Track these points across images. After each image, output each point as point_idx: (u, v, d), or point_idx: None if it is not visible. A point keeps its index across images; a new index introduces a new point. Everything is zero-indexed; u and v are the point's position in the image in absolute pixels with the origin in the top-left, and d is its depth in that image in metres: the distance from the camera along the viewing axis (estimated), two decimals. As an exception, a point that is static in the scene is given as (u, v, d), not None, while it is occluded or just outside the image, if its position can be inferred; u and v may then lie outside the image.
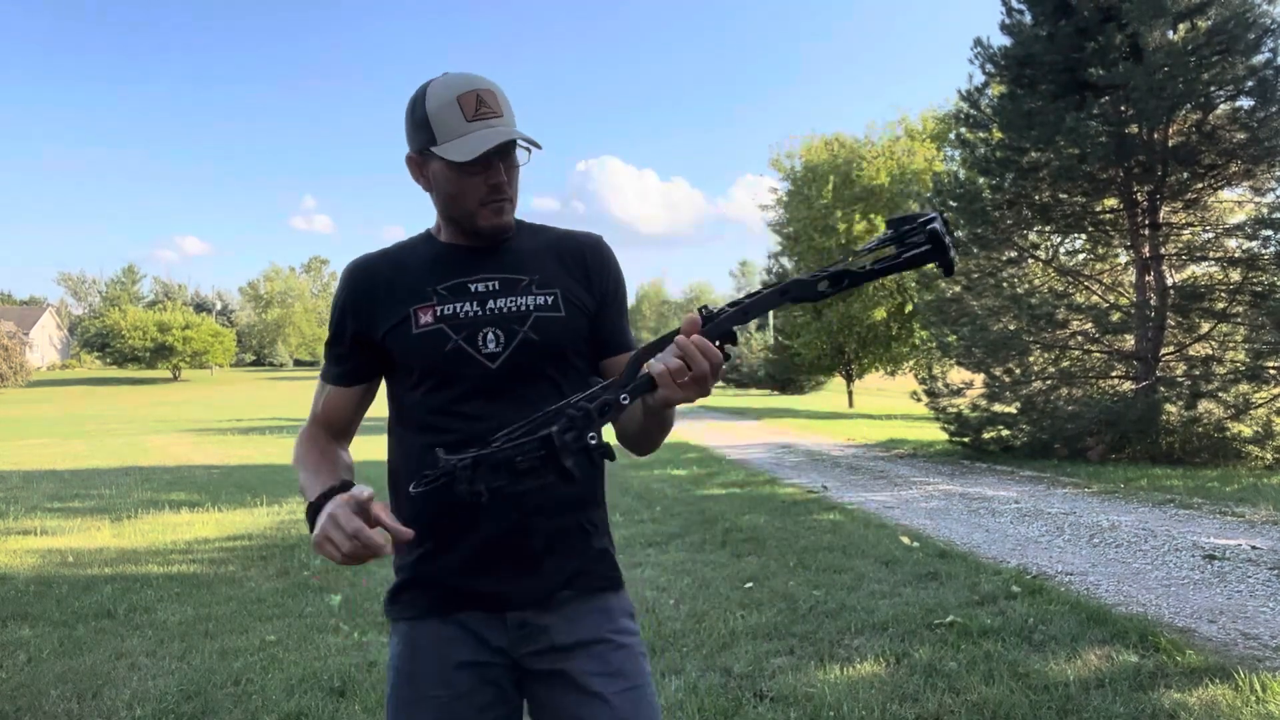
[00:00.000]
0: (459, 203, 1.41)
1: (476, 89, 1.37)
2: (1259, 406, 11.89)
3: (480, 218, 1.42)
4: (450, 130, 1.36)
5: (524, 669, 1.43)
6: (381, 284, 1.46)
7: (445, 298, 1.43)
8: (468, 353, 1.40)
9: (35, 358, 68.47)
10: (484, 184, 1.39)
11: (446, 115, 1.36)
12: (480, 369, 1.40)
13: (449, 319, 1.41)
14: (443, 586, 1.42)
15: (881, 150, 31.86)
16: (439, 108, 1.37)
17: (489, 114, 1.37)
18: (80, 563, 6.60)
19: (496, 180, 1.39)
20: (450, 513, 1.38)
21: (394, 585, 1.49)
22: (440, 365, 1.40)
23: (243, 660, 4.19)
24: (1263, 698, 3.38)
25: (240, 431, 22.77)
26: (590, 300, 1.50)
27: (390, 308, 1.44)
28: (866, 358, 34.29)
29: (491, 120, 1.37)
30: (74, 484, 11.69)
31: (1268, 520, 7.23)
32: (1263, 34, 11.34)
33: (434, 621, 1.43)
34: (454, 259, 1.46)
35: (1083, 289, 13.95)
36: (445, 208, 1.45)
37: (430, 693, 1.40)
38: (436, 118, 1.37)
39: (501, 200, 1.41)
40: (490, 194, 1.40)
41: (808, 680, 3.72)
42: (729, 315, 1.17)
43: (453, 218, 1.45)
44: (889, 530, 7.13)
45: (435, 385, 1.42)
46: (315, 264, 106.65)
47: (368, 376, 1.53)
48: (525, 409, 1.36)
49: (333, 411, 1.55)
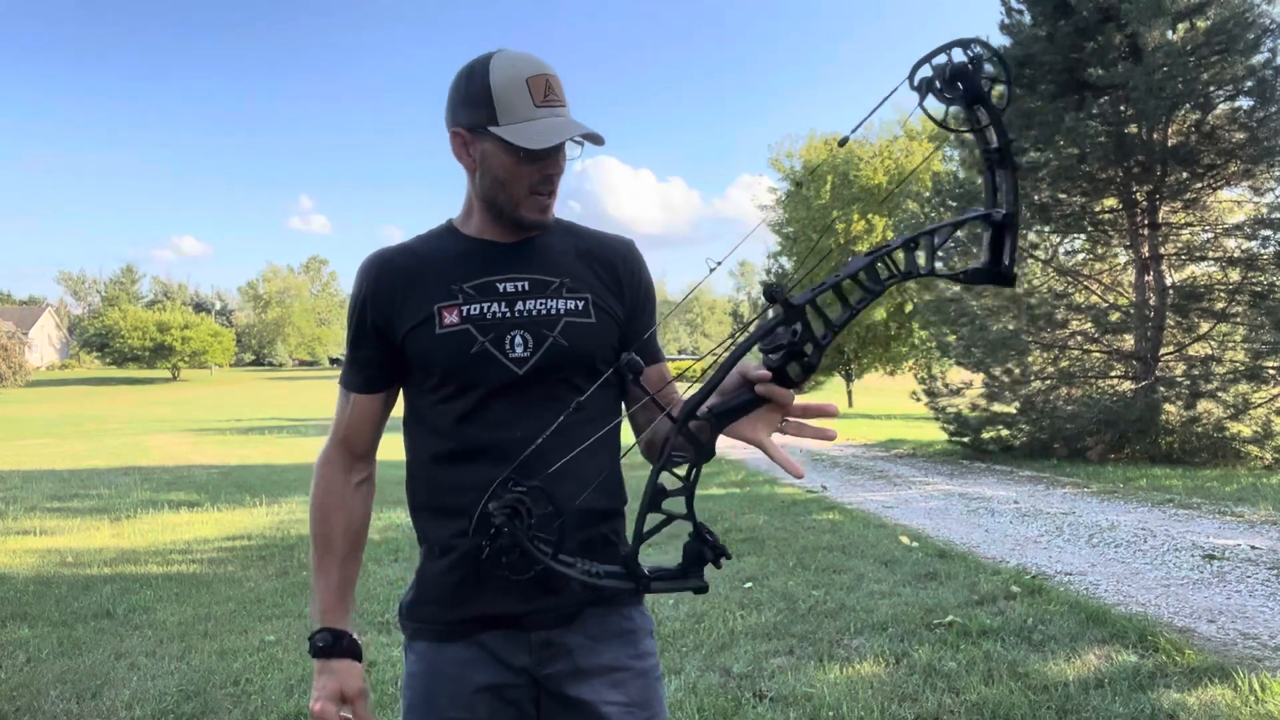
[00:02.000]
0: (507, 189, 1.33)
1: (546, 74, 1.30)
2: (1258, 406, 11.90)
3: (525, 207, 1.35)
4: (516, 113, 1.28)
5: (544, 688, 1.39)
6: (403, 280, 1.38)
7: (472, 297, 1.35)
8: (494, 355, 1.33)
9: (35, 358, 68.45)
10: (538, 173, 1.32)
11: (514, 96, 1.28)
12: (506, 373, 1.33)
13: (475, 319, 1.34)
14: (465, 607, 1.37)
15: (879, 150, 31.89)
16: (506, 86, 1.28)
17: (556, 103, 1.30)
18: (80, 563, 6.59)
19: (552, 171, 1.33)
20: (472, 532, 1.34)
21: (412, 598, 1.43)
22: (464, 368, 1.33)
23: (242, 660, 4.19)
24: (1262, 698, 3.38)
25: (240, 431, 22.76)
26: (621, 309, 1.44)
27: (412, 306, 1.36)
28: (866, 357, 34.31)
29: (559, 110, 1.30)
30: (73, 484, 11.68)
31: (1267, 520, 7.23)
32: (1262, 34, 11.35)
33: (457, 644, 1.38)
34: (481, 255, 1.39)
35: (1082, 289, 13.95)
36: (488, 191, 1.36)
37: (449, 715, 1.37)
38: (502, 96, 1.28)
39: (550, 194, 1.36)
40: (542, 184, 1.34)
41: (807, 680, 3.72)
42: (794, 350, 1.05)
43: (495, 202, 1.36)
44: (888, 530, 7.13)
45: (457, 389, 1.35)
46: (314, 264, 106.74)
47: (393, 380, 1.44)
48: (548, 418, 1.32)
49: (357, 426, 1.45)
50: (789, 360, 1.04)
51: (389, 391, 1.45)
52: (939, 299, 14.92)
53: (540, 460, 1.34)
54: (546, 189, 1.34)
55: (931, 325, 16.17)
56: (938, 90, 1.07)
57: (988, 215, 1.13)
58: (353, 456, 1.46)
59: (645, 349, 1.48)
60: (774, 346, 1.04)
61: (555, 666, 1.37)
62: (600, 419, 1.41)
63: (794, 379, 1.06)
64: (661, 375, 1.49)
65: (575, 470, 1.36)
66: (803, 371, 1.06)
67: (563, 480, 1.36)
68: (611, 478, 1.43)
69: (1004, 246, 1.13)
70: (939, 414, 14.26)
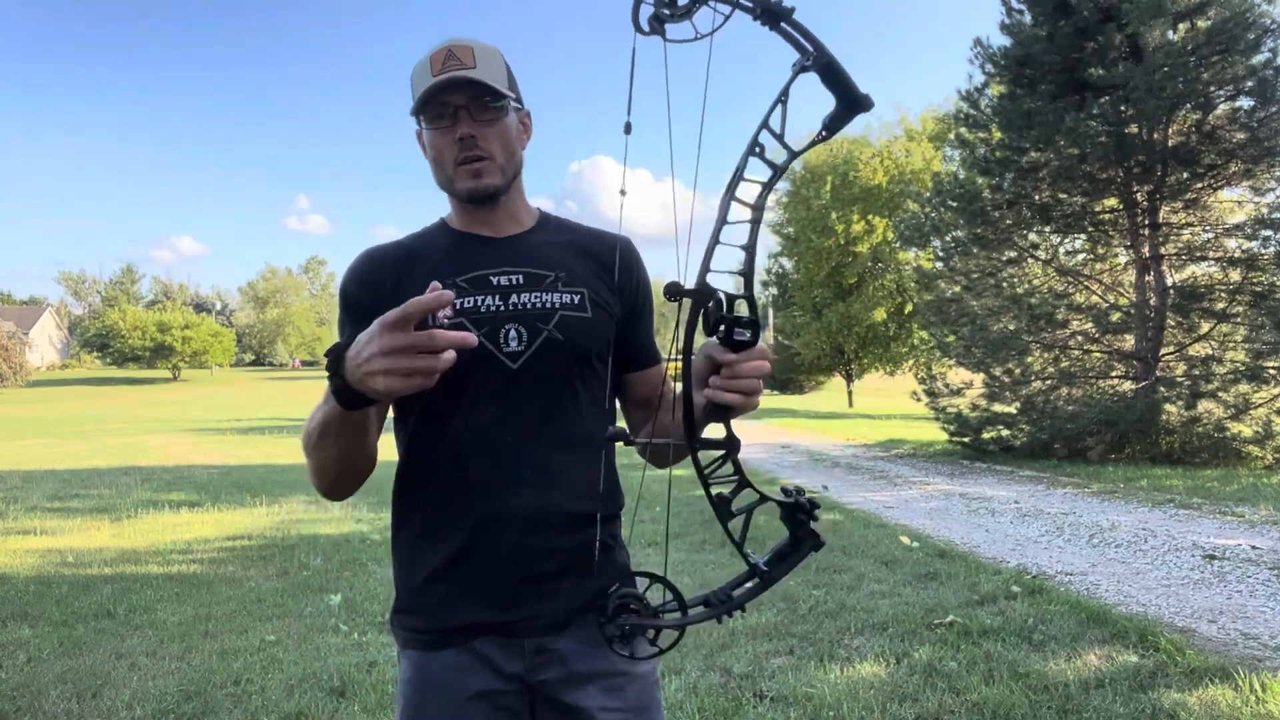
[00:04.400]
0: (439, 166, 1.35)
1: (450, 45, 1.31)
2: (1259, 406, 11.90)
3: (457, 180, 1.34)
4: (418, 89, 1.30)
5: (538, 695, 1.36)
6: (394, 274, 1.36)
7: (465, 290, 1.33)
8: (488, 350, 1.31)
9: (35, 358, 68.48)
10: (453, 140, 1.31)
11: (419, 76, 1.31)
12: (499, 368, 1.31)
13: (469, 313, 1.32)
14: (457, 614, 1.34)
15: (879, 150, 31.88)
16: (417, 70, 1.32)
17: (456, 66, 1.29)
18: (80, 563, 6.59)
19: (463, 132, 1.30)
20: (466, 532, 1.32)
21: (404, 605, 1.39)
22: (458, 362, 1.30)
23: (243, 660, 4.19)
24: (1263, 698, 3.38)
25: (240, 431, 22.75)
26: (617, 304, 1.42)
27: (404, 299, 1.33)
28: (866, 358, 34.34)
29: (456, 72, 1.28)
30: (74, 484, 11.68)
31: (1268, 520, 7.23)
32: (1262, 34, 11.34)
33: (449, 651, 1.34)
34: (473, 249, 1.38)
35: (1082, 289, 13.95)
36: (434, 174, 1.38)
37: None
38: (414, 80, 1.32)
39: (475, 158, 1.32)
40: (461, 149, 1.32)
41: (807, 680, 3.72)
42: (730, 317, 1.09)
43: (441, 185, 1.38)
44: (889, 530, 7.13)
45: (450, 383, 1.29)
46: (313, 264, 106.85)
47: None
48: (540, 413, 1.32)
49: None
50: (734, 327, 1.08)
51: None
52: (939, 299, 14.92)
53: (529, 459, 1.33)
54: (468, 154, 1.32)
55: (931, 325, 16.17)
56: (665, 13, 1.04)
57: (805, 68, 1.05)
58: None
59: (644, 351, 1.47)
60: (717, 326, 1.08)
61: (549, 673, 1.35)
62: (594, 418, 1.40)
63: (751, 339, 1.10)
64: (660, 373, 1.48)
65: (568, 472, 1.35)
66: (751, 328, 1.09)
67: (556, 482, 1.34)
68: (607, 481, 1.41)
69: (843, 79, 1.04)
70: (939, 414, 14.25)
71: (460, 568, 1.33)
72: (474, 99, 1.31)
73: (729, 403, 1.11)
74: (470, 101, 1.31)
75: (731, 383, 1.11)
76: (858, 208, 31.50)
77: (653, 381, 1.47)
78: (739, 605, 1.20)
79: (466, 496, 1.33)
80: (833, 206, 31.58)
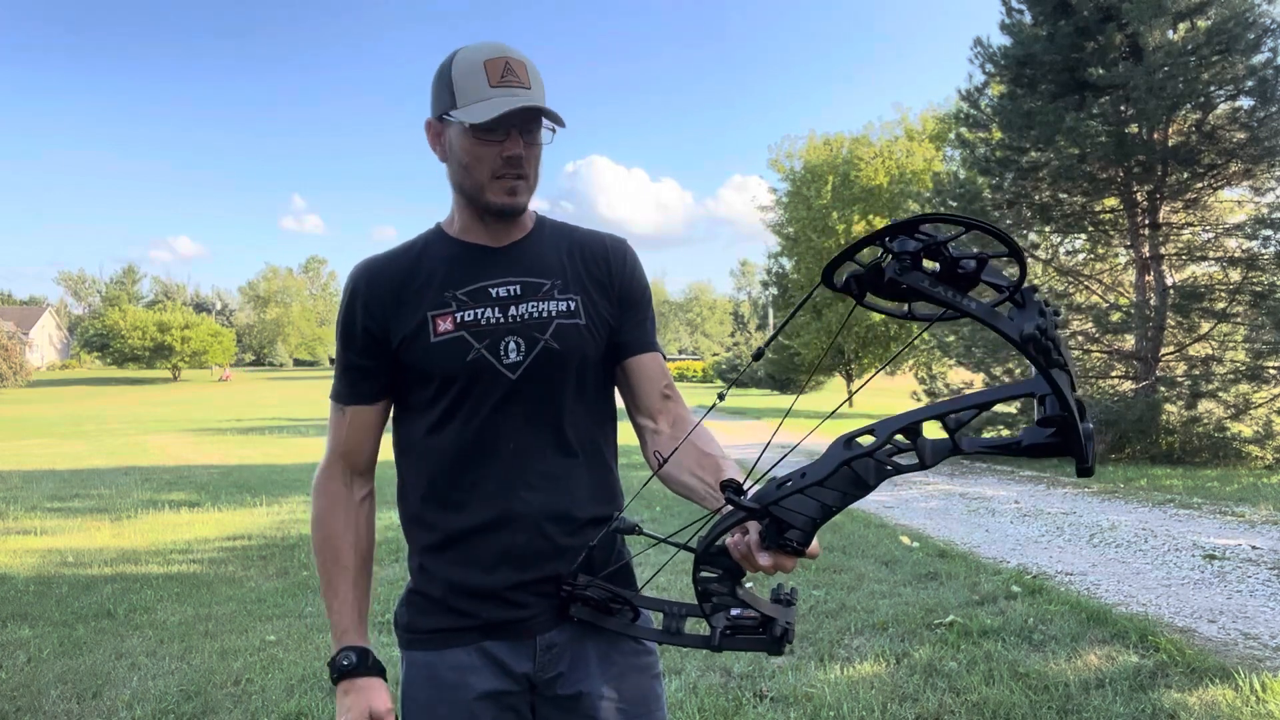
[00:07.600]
0: (471, 173, 1.32)
1: (506, 56, 1.29)
2: (1259, 406, 11.90)
3: (490, 191, 1.32)
4: (471, 94, 1.28)
5: (540, 693, 1.38)
6: (393, 288, 1.36)
7: (465, 303, 1.34)
8: (489, 362, 1.32)
9: (35, 358, 68.48)
10: (499, 155, 1.30)
11: (470, 79, 1.28)
12: (500, 379, 1.33)
13: (470, 325, 1.33)
14: (466, 616, 1.35)
15: (880, 150, 31.88)
16: (464, 71, 1.29)
17: (515, 83, 1.28)
18: (80, 563, 6.59)
19: (513, 152, 1.30)
20: (475, 538, 1.34)
21: (412, 608, 1.41)
22: (461, 375, 1.32)
23: (243, 660, 4.19)
24: (1263, 698, 3.38)
25: (240, 431, 22.75)
26: (612, 308, 1.42)
27: (405, 314, 1.34)
28: (866, 358, 34.30)
29: (517, 90, 1.28)
30: (74, 484, 11.68)
31: (1268, 520, 7.23)
32: (1262, 34, 11.35)
33: (457, 650, 1.36)
34: (471, 259, 1.38)
35: (1083, 289, 13.95)
36: (458, 178, 1.35)
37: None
38: (460, 81, 1.29)
39: (516, 176, 1.32)
40: (505, 166, 1.31)
41: (808, 680, 3.72)
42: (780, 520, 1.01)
43: (464, 190, 1.36)
44: (889, 530, 7.13)
45: (452, 396, 1.33)
46: (313, 264, 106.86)
47: (390, 389, 1.40)
48: (539, 423, 1.34)
49: (355, 440, 1.41)
50: (778, 544, 1.03)
51: (386, 401, 1.42)
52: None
53: (532, 465, 1.34)
54: (511, 172, 1.32)
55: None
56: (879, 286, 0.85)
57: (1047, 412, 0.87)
58: (354, 472, 1.43)
59: (640, 337, 1.45)
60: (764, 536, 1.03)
61: (555, 670, 1.37)
62: (592, 421, 1.41)
63: (795, 547, 1.04)
64: (658, 364, 1.46)
65: (571, 477, 1.37)
66: (800, 541, 1.03)
67: (560, 487, 1.36)
68: (609, 484, 1.42)
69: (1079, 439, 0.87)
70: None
71: (470, 570, 1.35)
72: (529, 121, 1.31)
73: (738, 563, 1.11)
74: (525, 123, 1.31)
75: (746, 560, 1.09)
76: (858, 208, 31.48)
77: (648, 371, 1.45)
78: (685, 644, 1.22)
79: (473, 504, 1.34)
80: (833, 206, 31.57)
